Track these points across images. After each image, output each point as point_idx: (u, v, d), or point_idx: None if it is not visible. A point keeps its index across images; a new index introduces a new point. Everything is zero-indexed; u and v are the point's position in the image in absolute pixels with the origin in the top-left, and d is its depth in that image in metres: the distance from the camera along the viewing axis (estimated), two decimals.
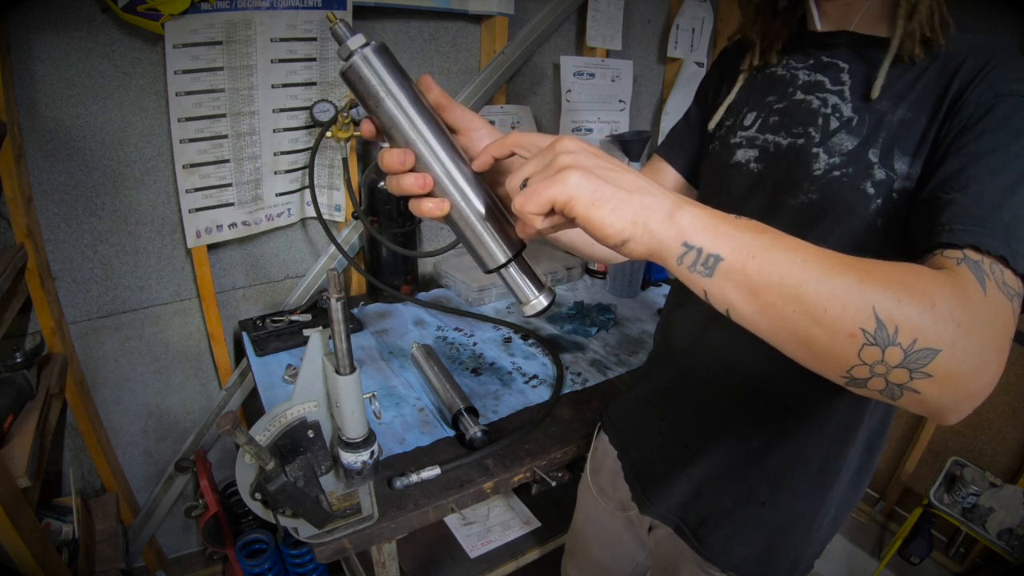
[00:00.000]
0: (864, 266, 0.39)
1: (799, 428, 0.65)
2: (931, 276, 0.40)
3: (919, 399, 0.39)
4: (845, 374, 0.40)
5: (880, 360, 0.38)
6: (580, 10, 1.66)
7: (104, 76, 1.13)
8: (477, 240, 0.47)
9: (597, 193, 0.40)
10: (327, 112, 1.31)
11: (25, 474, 0.87)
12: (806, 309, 0.38)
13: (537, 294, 0.48)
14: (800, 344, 0.40)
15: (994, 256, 0.42)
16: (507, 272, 0.48)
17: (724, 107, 0.71)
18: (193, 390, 1.48)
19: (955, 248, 0.43)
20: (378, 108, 0.45)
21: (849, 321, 0.38)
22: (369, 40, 0.45)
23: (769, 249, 0.39)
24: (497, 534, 1.28)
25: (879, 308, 0.37)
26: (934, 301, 0.38)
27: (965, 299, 0.39)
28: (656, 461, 0.79)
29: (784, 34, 0.66)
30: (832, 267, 0.39)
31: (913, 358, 0.38)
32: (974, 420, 1.74)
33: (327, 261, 1.50)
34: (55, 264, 1.21)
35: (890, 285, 0.38)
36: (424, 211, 0.47)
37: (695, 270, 0.40)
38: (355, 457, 0.74)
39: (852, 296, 0.38)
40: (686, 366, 0.75)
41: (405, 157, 0.45)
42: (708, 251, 0.40)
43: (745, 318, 0.41)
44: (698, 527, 0.73)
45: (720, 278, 0.40)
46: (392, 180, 0.46)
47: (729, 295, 0.40)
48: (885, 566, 1.73)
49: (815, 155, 0.59)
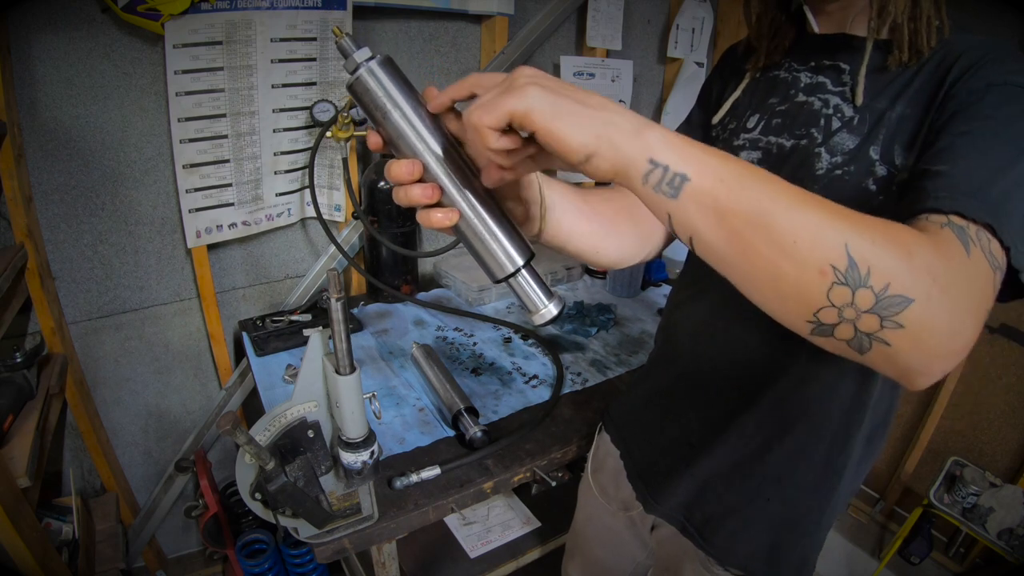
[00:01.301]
0: (842, 208, 0.38)
1: (802, 425, 0.65)
2: (911, 231, 0.39)
3: (888, 353, 0.38)
4: (812, 318, 0.39)
5: (850, 303, 0.37)
6: (580, 10, 1.66)
7: (104, 76, 1.13)
8: (485, 250, 0.47)
9: (558, 106, 0.38)
10: (327, 112, 1.31)
11: (25, 474, 0.87)
12: (775, 239, 0.37)
13: (547, 303, 0.47)
14: (766, 278, 0.39)
15: (980, 224, 0.41)
16: (516, 281, 0.47)
17: (730, 102, 0.71)
18: (193, 390, 1.48)
19: (940, 213, 0.42)
20: (385, 120, 0.45)
21: (820, 256, 0.37)
22: (374, 53, 0.45)
23: (739, 176, 0.38)
24: (497, 534, 1.28)
25: (852, 246, 0.36)
26: (911, 251, 0.37)
27: (945, 257, 0.38)
28: (659, 460, 0.79)
29: (788, 37, 0.67)
30: (805, 201, 0.38)
31: (885, 304, 0.36)
32: (974, 420, 1.74)
33: (327, 261, 1.50)
34: (55, 264, 1.21)
35: (866, 227, 0.37)
36: (433, 222, 0.46)
37: (660, 190, 0.39)
38: (355, 457, 0.74)
39: (824, 231, 0.37)
40: (688, 365, 0.75)
41: (413, 168, 0.45)
42: (675, 170, 0.38)
43: (709, 246, 0.40)
44: (703, 525, 0.73)
45: (686, 200, 0.39)
46: (400, 191, 0.46)
47: (694, 219, 0.39)
48: (885, 566, 1.73)
49: (817, 155, 0.59)
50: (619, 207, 0.68)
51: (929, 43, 0.54)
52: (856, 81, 0.58)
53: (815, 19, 0.62)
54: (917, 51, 0.55)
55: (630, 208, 0.69)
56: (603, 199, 0.66)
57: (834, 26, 0.62)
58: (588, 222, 0.63)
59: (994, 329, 1.65)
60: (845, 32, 0.61)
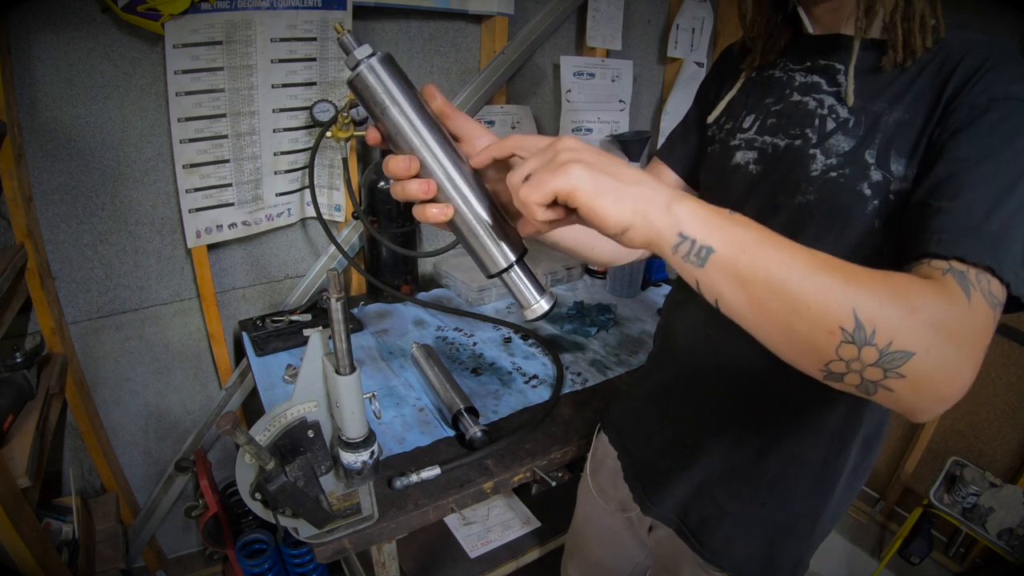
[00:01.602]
0: (851, 269, 0.41)
1: (799, 429, 0.65)
2: (916, 283, 0.42)
3: (892, 396, 0.42)
4: (823, 368, 0.42)
5: (856, 357, 0.40)
6: (580, 10, 1.65)
7: (104, 76, 1.13)
8: (480, 245, 0.48)
9: (600, 184, 0.41)
10: (327, 112, 1.31)
11: (25, 474, 0.87)
12: (790, 303, 0.41)
13: (539, 298, 0.49)
14: (783, 336, 0.42)
15: (981, 267, 0.43)
16: (509, 276, 0.49)
17: (725, 101, 0.71)
18: (193, 390, 1.48)
19: (942, 259, 0.44)
20: (384, 116, 0.46)
21: (830, 319, 0.40)
22: (375, 51, 0.46)
23: (759, 244, 0.41)
24: (497, 534, 1.28)
25: (859, 309, 0.39)
26: (915, 306, 0.40)
27: (948, 307, 0.41)
28: (656, 461, 0.79)
29: (783, 37, 0.67)
30: (818, 267, 0.41)
31: (888, 358, 0.40)
32: (974, 420, 1.74)
33: (327, 261, 1.50)
34: (55, 264, 1.21)
35: (873, 288, 0.40)
36: (429, 216, 0.47)
37: (688, 260, 0.42)
38: (355, 457, 0.74)
39: (835, 295, 0.40)
40: (686, 366, 0.75)
41: (410, 163, 0.46)
42: (701, 242, 0.41)
43: (733, 308, 0.43)
44: (699, 528, 0.73)
45: (712, 269, 0.42)
46: (397, 186, 0.47)
47: (719, 285, 0.42)
48: (885, 566, 1.73)
49: (812, 156, 0.59)
50: None
51: (924, 43, 0.54)
52: (847, 81, 0.58)
53: (809, 20, 0.62)
54: (911, 52, 0.54)
55: None
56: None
57: (828, 26, 0.62)
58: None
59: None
60: (839, 33, 0.61)
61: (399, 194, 0.48)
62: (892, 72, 0.56)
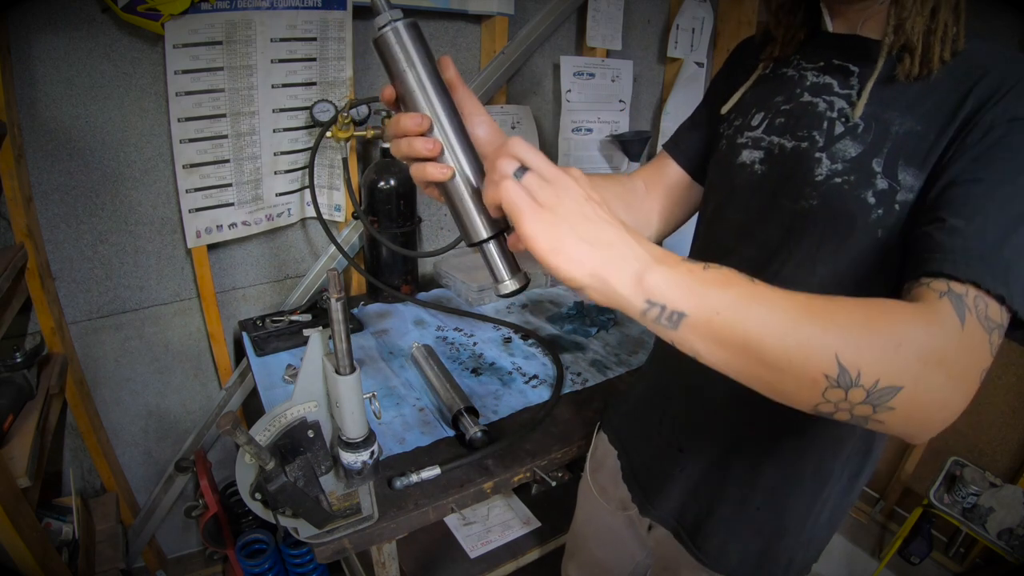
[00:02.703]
0: (831, 310, 0.41)
1: (793, 434, 0.65)
2: (903, 313, 0.42)
3: (884, 427, 0.42)
4: (812, 409, 0.43)
5: (844, 399, 0.41)
6: (580, 10, 1.66)
7: (104, 76, 1.13)
8: (466, 212, 0.50)
9: (559, 243, 0.41)
10: (327, 112, 1.31)
11: (25, 474, 0.87)
12: (770, 361, 0.41)
13: (509, 277, 0.50)
14: (766, 388, 0.43)
15: (990, 294, 0.42)
16: (488, 248, 0.50)
17: (740, 92, 0.70)
18: (193, 390, 1.48)
19: (942, 278, 0.44)
20: (402, 77, 0.49)
21: (812, 369, 0.40)
22: (403, 16, 0.49)
23: (733, 305, 0.41)
24: (497, 534, 1.28)
25: (842, 355, 0.39)
26: (900, 341, 0.40)
27: (938, 335, 0.41)
28: (653, 463, 0.78)
29: (802, 31, 0.65)
30: (798, 317, 0.40)
31: (876, 396, 0.40)
32: (974, 420, 1.73)
33: (327, 261, 1.50)
34: (55, 264, 1.21)
35: (853, 330, 0.40)
36: (428, 174, 0.49)
37: (660, 323, 0.42)
38: (355, 457, 0.74)
39: (815, 347, 0.40)
40: (682, 368, 0.74)
41: (422, 121, 0.48)
42: (672, 308, 0.41)
43: (712, 364, 0.43)
44: (694, 531, 0.73)
45: (685, 331, 0.42)
46: (403, 142, 0.49)
47: (695, 346, 0.42)
48: (885, 566, 1.73)
49: (817, 160, 0.58)
50: (612, 194, 0.68)
51: (942, 56, 0.53)
52: (861, 92, 0.56)
53: (830, 17, 0.61)
54: (928, 63, 0.53)
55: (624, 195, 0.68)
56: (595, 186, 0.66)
57: (846, 26, 0.60)
58: None
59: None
60: (857, 34, 0.59)
61: (404, 150, 0.49)
62: (904, 81, 0.55)
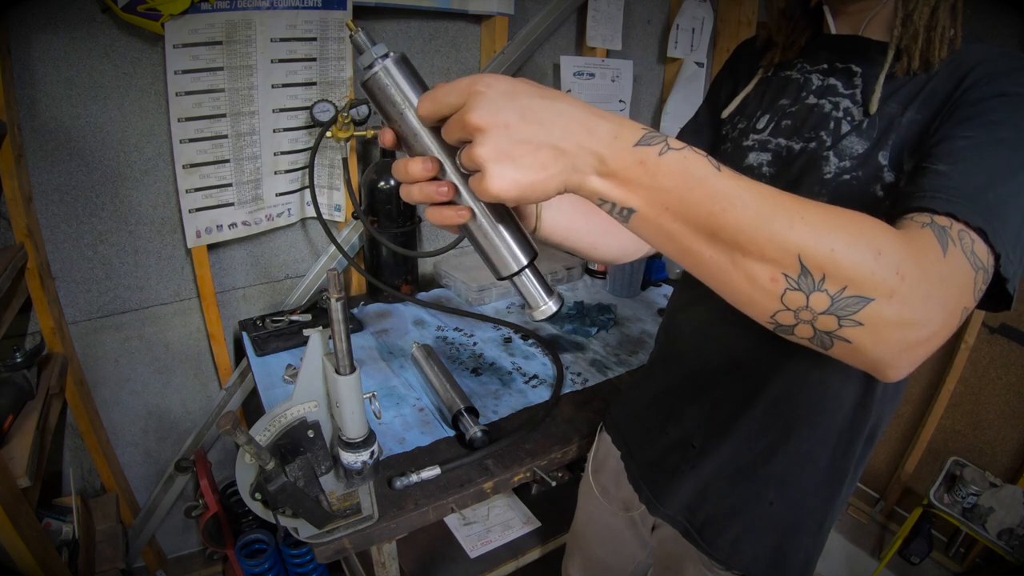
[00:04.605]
0: (804, 209, 0.39)
1: (806, 428, 0.65)
2: (885, 229, 0.40)
3: (851, 348, 0.39)
4: (770, 319, 0.41)
5: (804, 306, 0.38)
6: (580, 10, 1.66)
7: (104, 76, 1.13)
8: (492, 248, 0.47)
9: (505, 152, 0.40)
10: (327, 112, 1.31)
11: (25, 474, 0.87)
12: (722, 254, 0.39)
13: (547, 300, 0.49)
14: (720, 286, 0.41)
15: (970, 227, 0.41)
16: (519, 279, 0.48)
17: (741, 97, 0.70)
18: (193, 390, 1.48)
19: (926, 212, 0.43)
20: (401, 119, 0.45)
21: (769, 267, 0.38)
22: (389, 51, 0.45)
23: (683, 199, 0.39)
24: (497, 534, 1.28)
25: (805, 255, 0.37)
26: (879, 250, 0.38)
27: (918, 256, 0.39)
28: (661, 462, 0.78)
29: (804, 34, 0.66)
30: (760, 212, 0.38)
31: (841, 305, 0.37)
32: (974, 420, 1.74)
33: (327, 261, 1.50)
34: (55, 264, 1.21)
35: (827, 231, 0.38)
36: (445, 218, 0.46)
37: (613, 215, 0.43)
38: (355, 457, 0.74)
39: (775, 243, 0.38)
40: (692, 367, 0.75)
41: (431, 166, 0.45)
42: (622, 205, 0.41)
43: (666, 255, 0.43)
44: (706, 528, 0.73)
45: (636, 225, 0.42)
46: (413, 188, 0.46)
47: (648, 237, 0.43)
48: (885, 566, 1.73)
49: (825, 159, 0.58)
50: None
51: (940, 54, 0.54)
52: (872, 88, 0.57)
53: (833, 20, 0.62)
54: (927, 61, 0.54)
55: None
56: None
57: (849, 28, 0.61)
58: (585, 219, 0.63)
59: (994, 329, 1.65)
60: (859, 35, 0.60)
61: (416, 196, 0.46)
62: (903, 77, 0.56)
